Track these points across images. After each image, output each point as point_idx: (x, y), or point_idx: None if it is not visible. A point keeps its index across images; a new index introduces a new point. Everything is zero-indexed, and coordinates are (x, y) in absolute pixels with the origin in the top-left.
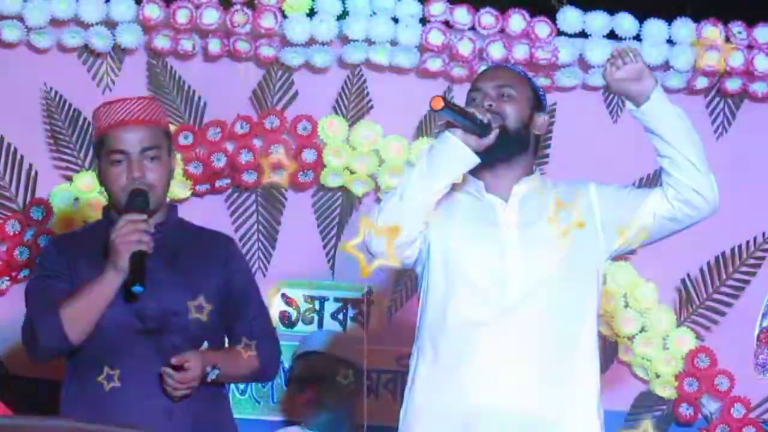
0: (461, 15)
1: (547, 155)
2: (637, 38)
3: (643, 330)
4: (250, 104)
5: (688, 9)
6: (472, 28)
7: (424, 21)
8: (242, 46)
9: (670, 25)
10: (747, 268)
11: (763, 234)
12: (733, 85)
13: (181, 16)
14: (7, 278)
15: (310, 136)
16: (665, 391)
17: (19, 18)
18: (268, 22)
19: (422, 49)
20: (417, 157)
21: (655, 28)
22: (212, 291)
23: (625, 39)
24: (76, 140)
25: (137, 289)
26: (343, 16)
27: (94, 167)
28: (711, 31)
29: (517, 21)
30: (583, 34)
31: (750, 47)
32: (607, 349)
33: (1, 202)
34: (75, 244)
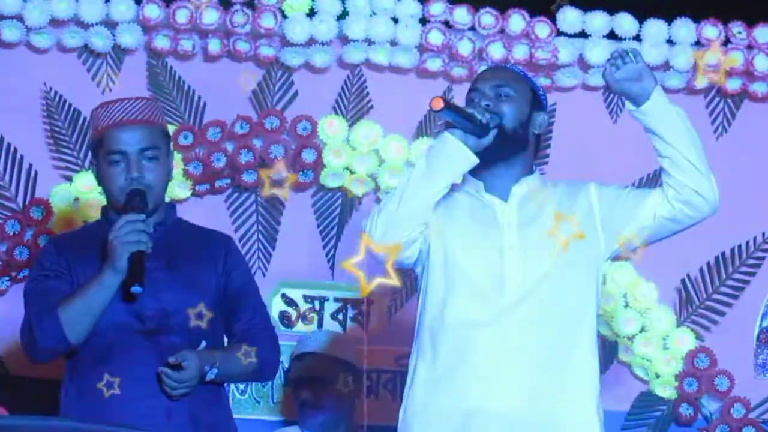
0: (461, 15)
1: (547, 155)
2: (637, 38)
3: (643, 330)
4: (250, 104)
5: (688, 9)
6: (472, 28)
7: (423, 21)
8: (242, 46)
9: (670, 25)
10: (747, 268)
11: (763, 234)
12: (733, 85)
13: (181, 16)
14: (7, 278)
15: (310, 136)
16: (665, 391)
17: (19, 18)
18: (268, 22)
19: (422, 49)
20: (417, 157)
21: (655, 28)
22: (212, 296)
23: (625, 39)
24: (76, 140)
25: (136, 289)
26: (343, 16)
27: (92, 168)
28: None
29: (516, 21)
30: (582, 34)
31: (750, 47)
32: (607, 349)
33: (1, 202)
34: (74, 244)
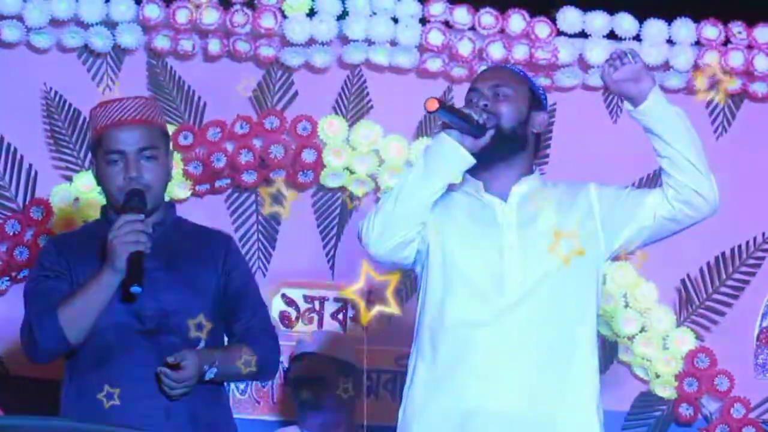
0: (461, 15)
1: (547, 155)
2: (637, 38)
3: (643, 330)
4: (250, 104)
5: (688, 9)
6: (472, 28)
7: (423, 21)
8: (242, 47)
9: (669, 25)
10: (747, 268)
11: (763, 234)
12: (733, 85)
13: (181, 16)
14: (7, 278)
15: (309, 136)
16: (665, 391)
17: (19, 18)
18: (268, 22)
19: (422, 49)
20: (416, 157)
21: (655, 28)
22: (212, 299)
23: (625, 39)
24: (75, 140)
25: (135, 289)
26: (343, 16)
27: (91, 167)
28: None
29: (516, 21)
30: (582, 34)
31: (750, 47)
32: (607, 349)
33: (1, 202)
34: (74, 244)
